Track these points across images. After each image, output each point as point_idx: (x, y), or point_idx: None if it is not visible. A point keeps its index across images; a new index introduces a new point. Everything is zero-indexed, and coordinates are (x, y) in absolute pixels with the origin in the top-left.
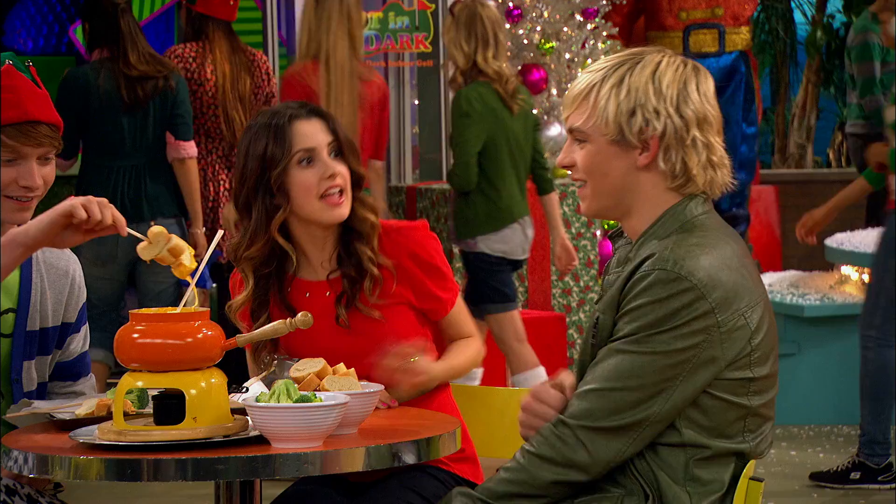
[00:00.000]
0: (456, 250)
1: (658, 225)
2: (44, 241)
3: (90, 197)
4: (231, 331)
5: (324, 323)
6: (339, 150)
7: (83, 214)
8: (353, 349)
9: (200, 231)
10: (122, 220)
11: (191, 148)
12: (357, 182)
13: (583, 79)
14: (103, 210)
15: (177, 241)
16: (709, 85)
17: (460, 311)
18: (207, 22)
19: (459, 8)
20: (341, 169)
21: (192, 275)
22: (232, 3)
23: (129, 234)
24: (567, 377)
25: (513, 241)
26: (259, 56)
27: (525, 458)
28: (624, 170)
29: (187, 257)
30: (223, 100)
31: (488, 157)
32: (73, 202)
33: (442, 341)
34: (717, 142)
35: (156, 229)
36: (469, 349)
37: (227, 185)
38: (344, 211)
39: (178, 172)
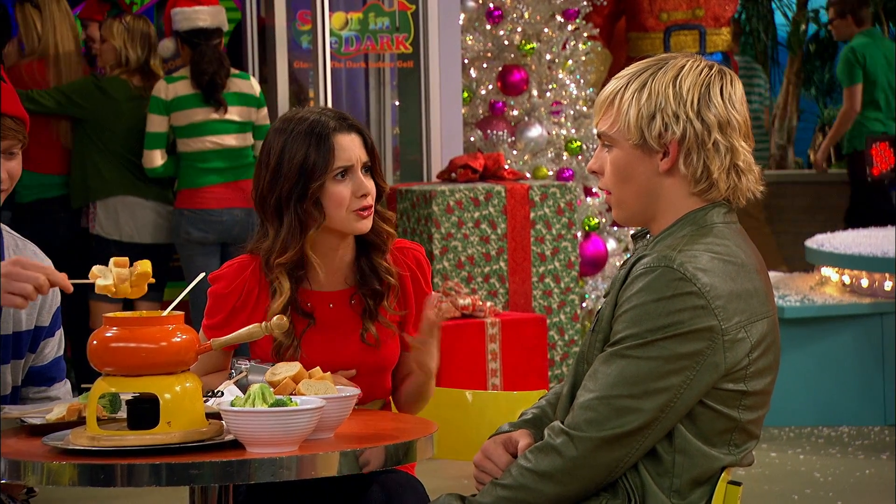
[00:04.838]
0: None
1: (676, 226)
2: None
3: (35, 284)
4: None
5: (342, 337)
6: (370, 166)
7: (27, 300)
8: (375, 362)
9: None
10: (67, 284)
11: None
12: (379, 195)
13: (609, 85)
14: (42, 292)
15: (117, 269)
16: (735, 88)
17: None
18: None
19: (129, 20)
20: (371, 187)
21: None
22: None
23: (75, 283)
24: (522, 437)
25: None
26: None
27: (523, 475)
28: (647, 175)
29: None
30: None
31: None
32: (26, 288)
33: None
34: (743, 147)
35: (96, 268)
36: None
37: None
38: (369, 223)
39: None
